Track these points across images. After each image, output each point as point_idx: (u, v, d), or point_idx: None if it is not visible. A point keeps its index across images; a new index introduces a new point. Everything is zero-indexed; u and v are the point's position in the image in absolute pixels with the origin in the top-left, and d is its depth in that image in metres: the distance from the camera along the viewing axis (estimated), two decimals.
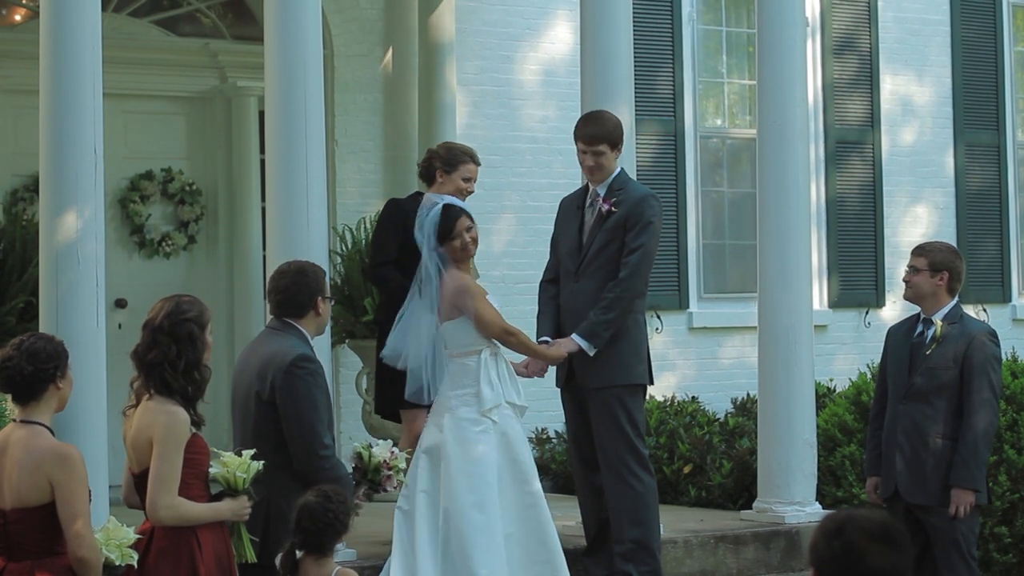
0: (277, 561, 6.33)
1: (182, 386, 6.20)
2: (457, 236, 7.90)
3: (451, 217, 7.94)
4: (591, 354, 8.18)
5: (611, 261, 8.25)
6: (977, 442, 7.91)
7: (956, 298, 8.15)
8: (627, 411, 8.25)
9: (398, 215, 8.57)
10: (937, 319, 8.07)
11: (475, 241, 7.98)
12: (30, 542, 5.94)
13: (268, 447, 6.57)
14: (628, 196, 8.33)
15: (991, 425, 7.98)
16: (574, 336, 8.19)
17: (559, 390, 8.61)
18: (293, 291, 6.86)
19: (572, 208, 8.56)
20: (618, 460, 8.21)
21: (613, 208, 8.29)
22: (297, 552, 6.29)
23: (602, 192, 8.38)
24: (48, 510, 5.91)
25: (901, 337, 8.22)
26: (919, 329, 8.15)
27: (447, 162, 8.53)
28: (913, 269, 8.14)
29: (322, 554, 6.24)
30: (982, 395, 7.94)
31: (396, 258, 8.51)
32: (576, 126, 8.51)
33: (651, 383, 8.46)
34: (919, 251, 8.22)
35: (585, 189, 8.55)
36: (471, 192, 8.54)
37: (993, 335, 8.09)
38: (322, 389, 6.73)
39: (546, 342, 8.31)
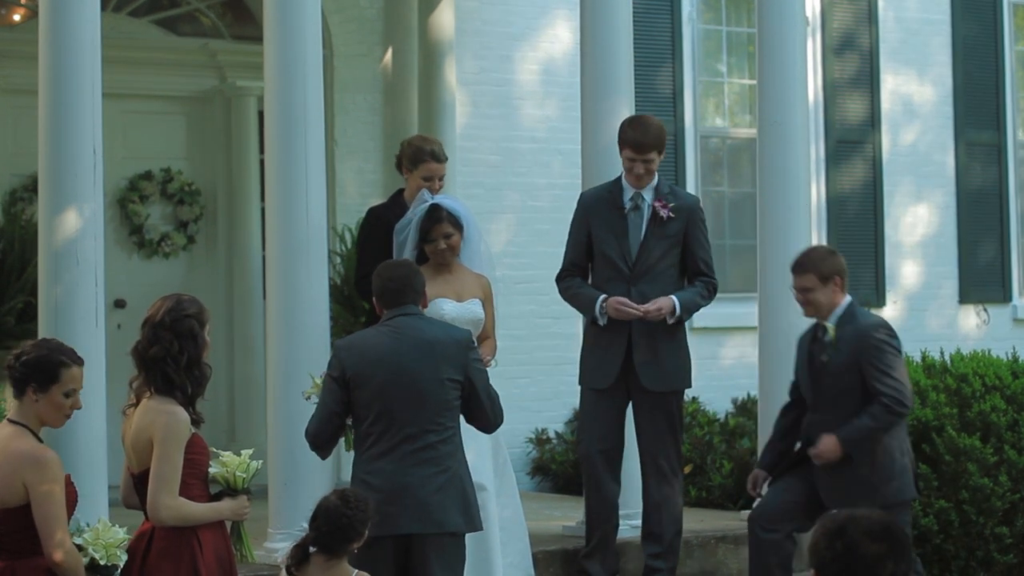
0: (280, 557, 6.28)
1: (183, 382, 6.19)
2: (433, 240, 8.02)
3: (432, 220, 8.02)
4: (671, 321, 8.26)
5: (671, 267, 8.39)
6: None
7: (848, 296, 7.97)
8: (680, 415, 8.53)
9: (377, 225, 8.51)
10: (830, 324, 7.95)
11: (452, 248, 8.02)
12: (11, 542, 5.93)
13: (459, 423, 6.75)
14: (681, 203, 8.43)
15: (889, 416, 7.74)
16: (672, 296, 8.24)
17: (586, 389, 8.50)
18: (412, 280, 6.92)
19: (605, 208, 8.44)
20: (667, 461, 8.39)
21: (672, 214, 8.34)
22: (311, 548, 6.20)
23: (648, 196, 8.40)
24: (28, 511, 5.90)
25: (804, 346, 8.11)
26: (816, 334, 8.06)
27: (410, 159, 8.46)
28: (803, 290, 7.94)
29: (331, 556, 6.08)
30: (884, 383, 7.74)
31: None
32: (623, 132, 8.39)
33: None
34: (800, 269, 7.97)
35: (615, 189, 8.47)
36: (434, 190, 8.37)
37: (885, 327, 7.88)
38: None
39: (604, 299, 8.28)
